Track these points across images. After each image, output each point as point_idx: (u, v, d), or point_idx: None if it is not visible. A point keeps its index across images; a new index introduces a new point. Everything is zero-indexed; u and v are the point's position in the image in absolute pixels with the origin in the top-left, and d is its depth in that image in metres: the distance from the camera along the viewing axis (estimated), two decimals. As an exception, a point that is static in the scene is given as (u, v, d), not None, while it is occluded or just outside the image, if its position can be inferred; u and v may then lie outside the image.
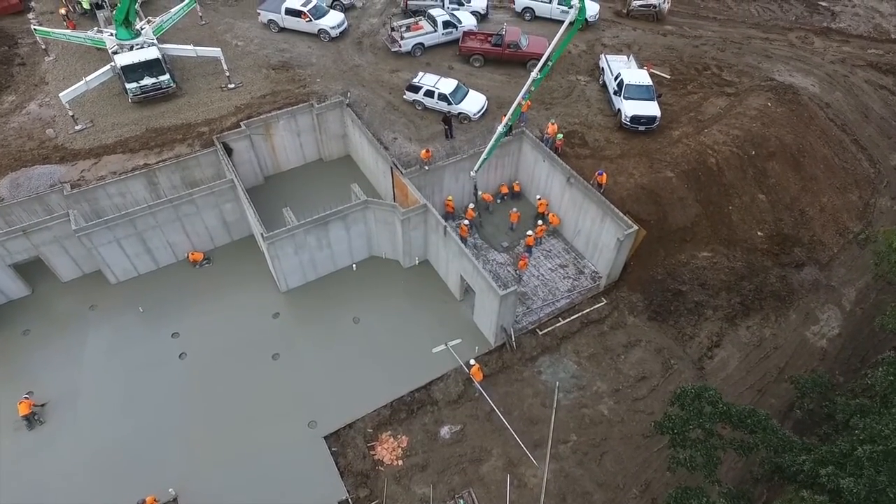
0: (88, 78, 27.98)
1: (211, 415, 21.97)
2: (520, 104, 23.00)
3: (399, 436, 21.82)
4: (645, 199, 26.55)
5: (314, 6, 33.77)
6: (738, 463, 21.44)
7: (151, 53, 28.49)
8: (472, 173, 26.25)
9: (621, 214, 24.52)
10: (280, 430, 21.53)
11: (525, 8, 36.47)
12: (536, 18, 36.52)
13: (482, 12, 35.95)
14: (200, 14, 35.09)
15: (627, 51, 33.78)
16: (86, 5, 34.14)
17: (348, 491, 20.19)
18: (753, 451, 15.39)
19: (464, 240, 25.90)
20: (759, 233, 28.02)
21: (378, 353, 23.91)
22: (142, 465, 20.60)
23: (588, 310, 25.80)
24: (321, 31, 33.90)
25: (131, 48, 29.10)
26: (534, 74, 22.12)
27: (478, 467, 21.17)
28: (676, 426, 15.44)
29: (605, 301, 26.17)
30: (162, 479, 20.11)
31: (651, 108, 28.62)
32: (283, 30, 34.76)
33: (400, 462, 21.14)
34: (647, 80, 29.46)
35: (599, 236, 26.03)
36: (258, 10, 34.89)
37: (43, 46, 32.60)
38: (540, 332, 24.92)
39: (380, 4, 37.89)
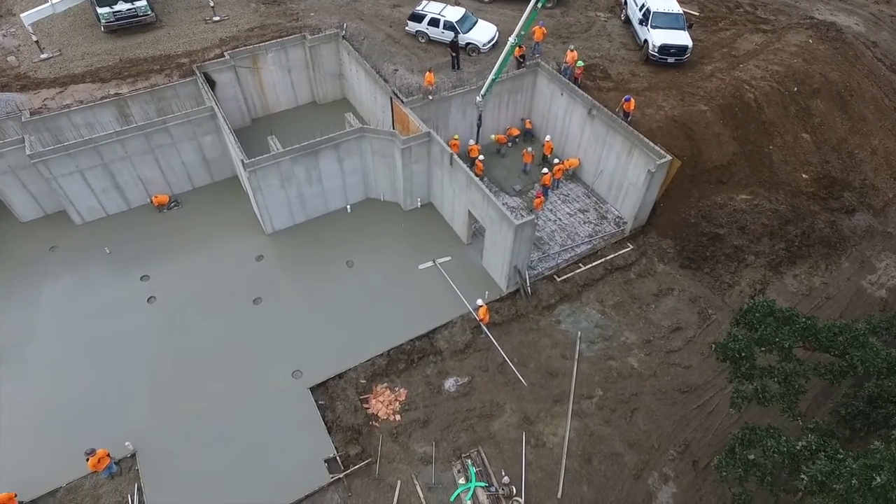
0: (55, 1, 25.15)
1: (180, 363, 19.04)
2: (535, 10, 19.93)
3: (397, 388, 18.83)
4: (676, 133, 23.52)
5: (309, -62, 30.86)
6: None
7: (126, -26, 25.67)
8: (479, 99, 23.18)
9: (652, 144, 21.50)
10: (259, 379, 18.60)
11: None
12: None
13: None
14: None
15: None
16: None
17: (336, 448, 17.20)
18: (847, 376, 12.28)
19: (487, 176, 23.14)
20: (803, 175, 24.95)
21: (374, 299, 20.95)
22: (99, 418, 17.64)
23: (612, 255, 22.78)
24: (316, -35, 30.99)
25: (104, -30, 26.26)
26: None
27: (488, 424, 18.15)
28: (744, 349, 12.29)
29: (632, 247, 23.14)
30: (122, 433, 17.16)
31: (682, 38, 25.61)
32: (275, -34, 31.90)
33: (397, 417, 18.15)
34: (677, 8, 26.48)
35: (625, 173, 23.00)
36: (248, -56, 32.00)
37: (11, -23, 29.83)
38: (558, 279, 21.91)
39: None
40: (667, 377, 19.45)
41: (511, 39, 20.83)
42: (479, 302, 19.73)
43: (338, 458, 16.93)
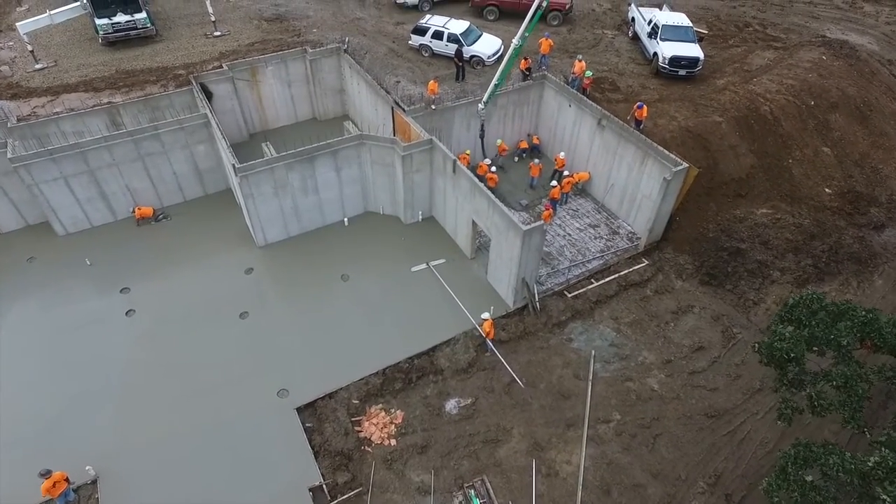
0: (54, 12, 24.78)
1: (155, 380, 17.39)
2: (540, 9, 19.12)
3: (393, 409, 17.04)
4: (691, 144, 22.41)
5: (314, -41, 30.94)
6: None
7: (126, -14, 25.35)
8: (481, 106, 22.18)
9: (666, 152, 20.33)
10: (240, 398, 16.89)
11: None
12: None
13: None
14: (191, -28, 32.37)
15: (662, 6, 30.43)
16: None
17: (323, 475, 15.31)
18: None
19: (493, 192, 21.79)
20: (826, 189, 23.64)
21: (370, 314, 19.42)
22: (59, 438, 15.89)
23: (626, 271, 21.27)
24: (320, -15, 30.96)
25: (104, -17, 25.97)
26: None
27: (494, 450, 16.26)
28: (794, 349, 10.52)
29: (647, 262, 21.65)
30: (83, 456, 15.36)
31: (692, 50, 24.89)
32: (279, -13, 31.92)
33: (393, 441, 16.30)
34: (686, 22, 25.89)
35: (638, 185, 21.75)
36: (253, -34, 32.09)
37: (15, -6, 29.81)
38: (569, 295, 20.35)
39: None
40: (691, 400, 17.61)
41: (514, 42, 20.00)
42: (485, 315, 18.13)
43: (324, 486, 15.04)
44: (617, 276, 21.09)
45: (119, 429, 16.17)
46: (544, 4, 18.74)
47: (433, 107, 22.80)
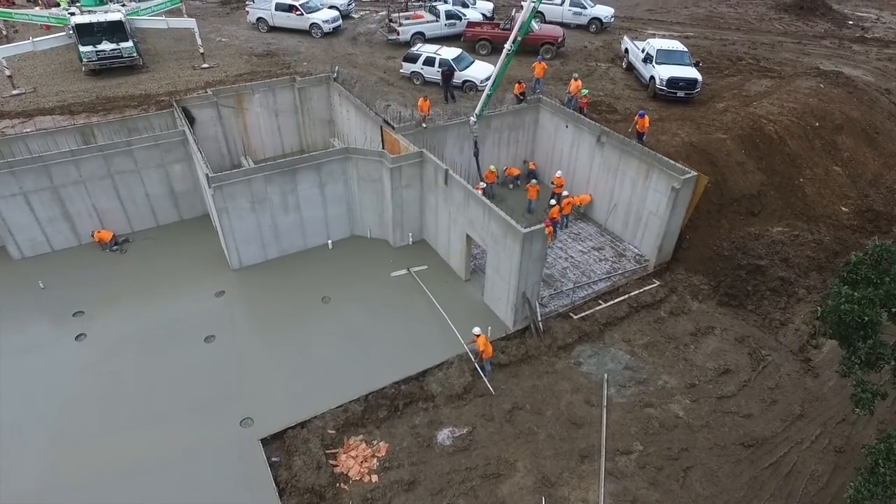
0: (37, 39, 24.33)
1: (100, 409, 14.93)
2: (532, 11, 18.45)
3: (375, 441, 14.51)
4: (697, 158, 21.21)
5: (307, 1, 31.30)
6: None
7: (114, 16, 25.08)
8: (472, 119, 21.00)
9: (672, 162, 19.06)
10: (196, 429, 14.38)
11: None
12: (546, 23, 33.81)
13: (488, 15, 33.45)
14: (185, 15, 32.74)
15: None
16: None
17: (288, 518, 12.61)
18: None
19: None
20: (843, 208, 22.27)
21: (353, 337, 17.23)
22: (-25, 479, 13.26)
23: (637, 292, 19.35)
24: (313, 25, 31.19)
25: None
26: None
27: (495, 486, 13.62)
28: (867, 313, 8.41)
29: (658, 283, 19.78)
30: (7, 498, 12.71)
31: (690, 72, 24.39)
32: (272, 29, 32.14)
33: (374, 477, 13.67)
34: (681, 47, 25.64)
35: (643, 202, 20.30)
36: (246, 9, 32.50)
37: (3, 32, 29.63)
38: (574, 317, 18.30)
39: (378, 16, 35.71)
40: (723, 428, 15.16)
41: (507, 46, 19.20)
42: (476, 330, 15.91)
43: (289, 531, 12.31)
44: (627, 296, 19.14)
45: (48, 465, 13.55)
46: (536, 4, 18.05)
47: (424, 125, 21.74)
